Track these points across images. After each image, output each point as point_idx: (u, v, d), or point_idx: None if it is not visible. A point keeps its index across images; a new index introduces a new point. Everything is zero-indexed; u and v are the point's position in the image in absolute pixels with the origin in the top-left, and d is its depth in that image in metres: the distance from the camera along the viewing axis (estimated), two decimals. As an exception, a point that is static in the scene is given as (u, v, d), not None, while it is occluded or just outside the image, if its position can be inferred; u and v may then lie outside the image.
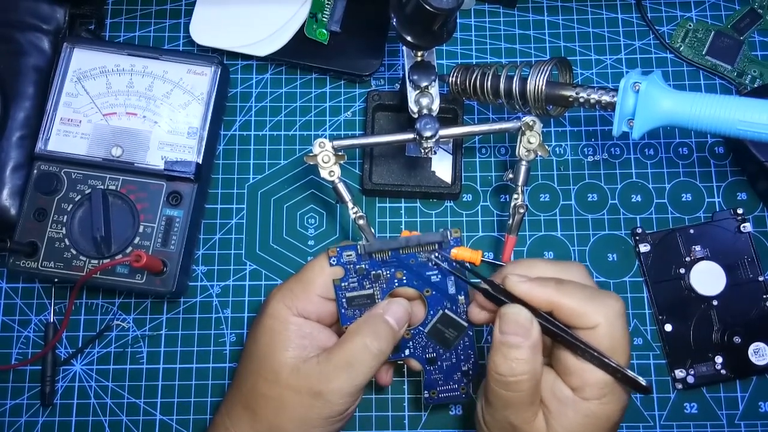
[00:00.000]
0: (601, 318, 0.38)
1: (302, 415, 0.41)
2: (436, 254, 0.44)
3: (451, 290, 0.45)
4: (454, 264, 0.44)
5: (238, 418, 0.43)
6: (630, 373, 0.38)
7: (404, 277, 0.44)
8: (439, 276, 0.44)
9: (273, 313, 0.43)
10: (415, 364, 0.46)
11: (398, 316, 0.43)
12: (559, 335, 0.39)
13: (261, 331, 0.43)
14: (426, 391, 0.46)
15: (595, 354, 0.38)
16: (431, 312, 0.45)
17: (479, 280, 0.42)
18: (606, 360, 0.38)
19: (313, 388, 0.41)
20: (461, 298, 0.45)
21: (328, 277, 0.43)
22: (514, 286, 0.40)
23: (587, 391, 0.39)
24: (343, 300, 0.44)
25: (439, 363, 0.46)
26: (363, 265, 0.44)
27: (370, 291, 0.44)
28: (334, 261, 0.43)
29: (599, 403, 0.39)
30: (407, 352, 0.46)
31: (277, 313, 0.43)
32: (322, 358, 0.42)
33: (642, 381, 0.38)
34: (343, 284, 0.44)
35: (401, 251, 0.44)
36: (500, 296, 0.40)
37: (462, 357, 0.46)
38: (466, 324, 0.45)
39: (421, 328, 0.45)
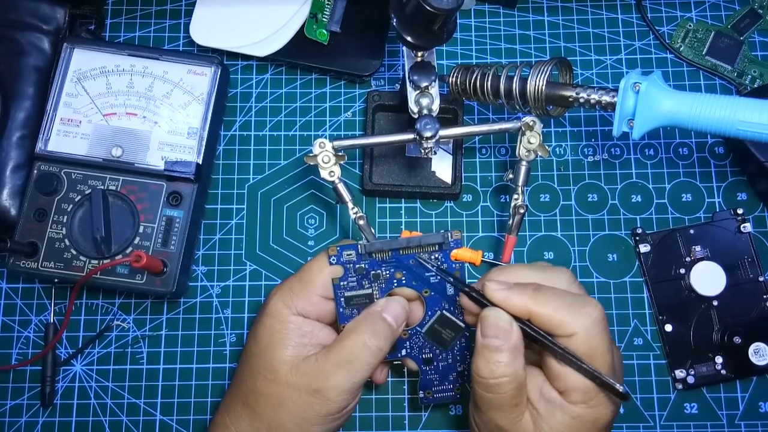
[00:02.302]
0: (577, 327, 0.38)
1: (301, 413, 0.41)
2: (435, 256, 0.44)
3: (450, 291, 0.45)
4: (455, 266, 0.44)
5: (237, 416, 0.43)
6: (607, 378, 0.38)
7: (403, 278, 0.44)
8: (438, 277, 0.44)
9: (273, 312, 0.43)
10: (412, 365, 0.46)
11: (396, 314, 0.43)
12: (539, 340, 0.39)
13: (261, 330, 0.43)
14: (422, 392, 0.46)
15: (573, 359, 0.38)
16: (429, 312, 0.45)
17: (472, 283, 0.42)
18: (583, 365, 0.38)
19: (312, 385, 0.41)
20: (459, 299, 0.44)
21: (328, 276, 0.43)
22: (492, 293, 0.40)
23: (573, 395, 0.39)
24: (342, 299, 0.44)
25: (435, 363, 0.46)
26: (363, 265, 0.44)
27: (369, 291, 0.44)
28: (333, 260, 0.43)
29: (586, 406, 0.39)
30: (404, 352, 0.46)
31: (277, 312, 0.43)
32: (321, 355, 0.42)
33: (619, 387, 0.38)
34: (342, 283, 0.44)
35: (401, 252, 0.44)
36: (483, 299, 0.41)
37: (458, 358, 0.46)
38: (463, 325, 0.45)
39: (418, 329, 0.45)
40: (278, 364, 0.42)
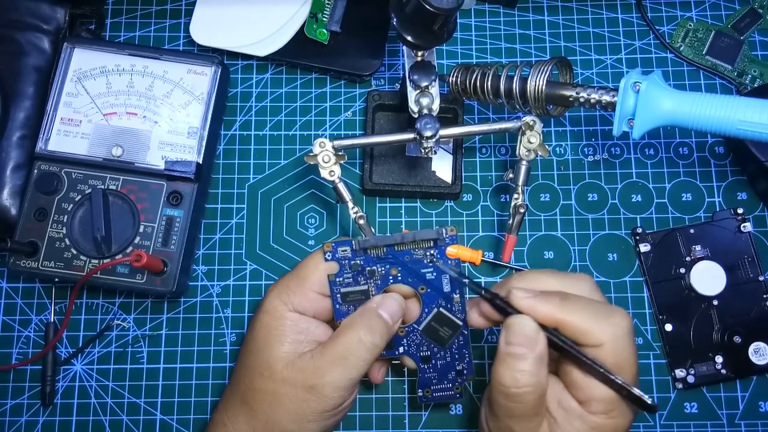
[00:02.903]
0: (606, 337, 0.38)
1: (297, 409, 0.41)
2: (431, 252, 0.43)
3: (446, 288, 0.44)
4: (450, 262, 0.44)
5: (235, 413, 0.43)
6: (636, 391, 0.37)
7: (399, 274, 0.44)
8: (435, 274, 0.44)
9: (269, 309, 0.43)
10: (410, 363, 0.46)
11: (392, 311, 0.43)
12: (564, 349, 0.39)
13: (257, 327, 0.43)
14: (420, 390, 0.46)
15: (601, 370, 0.38)
16: (426, 310, 0.45)
17: (480, 284, 0.42)
18: (612, 377, 0.38)
19: (308, 381, 0.41)
20: (456, 296, 0.44)
21: (324, 273, 0.43)
22: (519, 301, 0.39)
23: (594, 405, 0.38)
24: (338, 295, 0.44)
25: (433, 362, 0.46)
26: (358, 261, 0.44)
27: (365, 287, 0.44)
28: (329, 256, 0.43)
29: (606, 417, 0.38)
30: (401, 349, 0.46)
31: (273, 308, 0.43)
32: (317, 352, 0.42)
33: (647, 399, 0.37)
34: (337, 279, 0.44)
35: (396, 248, 0.44)
36: (507, 306, 0.40)
37: (457, 356, 0.46)
38: (460, 323, 0.45)
39: (415, 326, 0.45)
40: (274, 361, 0.42)
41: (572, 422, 0.39)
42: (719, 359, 0.51)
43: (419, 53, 0.47)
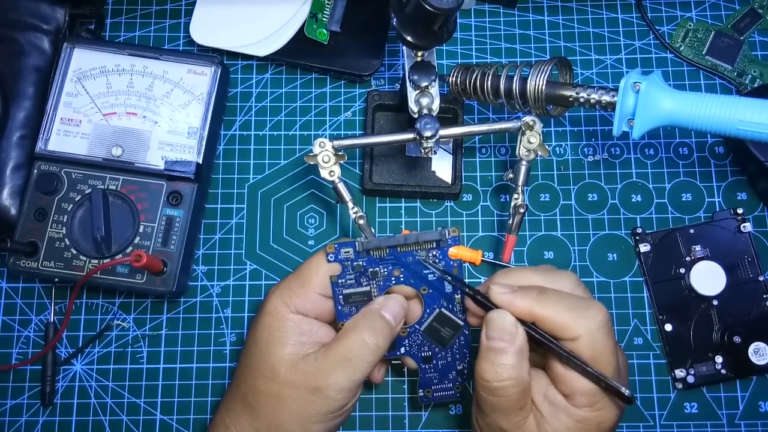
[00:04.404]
0: (581, 330, 0.38)
1: (301, 411, 0.41)
2: (433, 253, 0.44)
3: (448, 289, 0.44)
4: (453, 264, 0.44)
5: (237, 415, 0.43)
6: (612, 382, 0.38)
7: (401, 275, 0.44)
8: (436, 275, 0.44)
9: (271, 311, 0.43)
10: (411, 363, 0.46)
11: (395, 312, 0.43)
12: (544, 343, 0.39)
13: (259, 329, 0.43)
14: (421, 390, 0.46)
15: (578, 363, 0.38)
16: (428, 310, 0.45)
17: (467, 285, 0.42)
18: (589, 369, 0.38)
19: (312, 384, 0.41)
20: (458, 297, 0.44)
21: (326, 274, 0.43)
22: (497, 296, 0.40)
23: (578, 398, 0.39)
24: (340, 297, 0.44)
25: (434, 362, 0.46)
26: (360, 262, 0.44)
27: (367, 288, 0.44)
28: (331, 257, 0.43)
29: (591, 410, 0.39)
30: (403, 350, 0.46)
31: (275, 310, 0.43)
32: (320, 354, 0.42)
33: (625, 391, 0.38)
34: (340, 281, 0.44)
35: (399, 249, 0.44)
36: (487, 302, 0.41)
37: (457, 356, 0.46)
38: (462, 323, 0.45)
39: (417, 326, 0.45)
40: (277, 362, 0.42)
41: (558, 416, 0.39)
42: (719, 359, 0.51)
43: (419, 53, 0.47)
